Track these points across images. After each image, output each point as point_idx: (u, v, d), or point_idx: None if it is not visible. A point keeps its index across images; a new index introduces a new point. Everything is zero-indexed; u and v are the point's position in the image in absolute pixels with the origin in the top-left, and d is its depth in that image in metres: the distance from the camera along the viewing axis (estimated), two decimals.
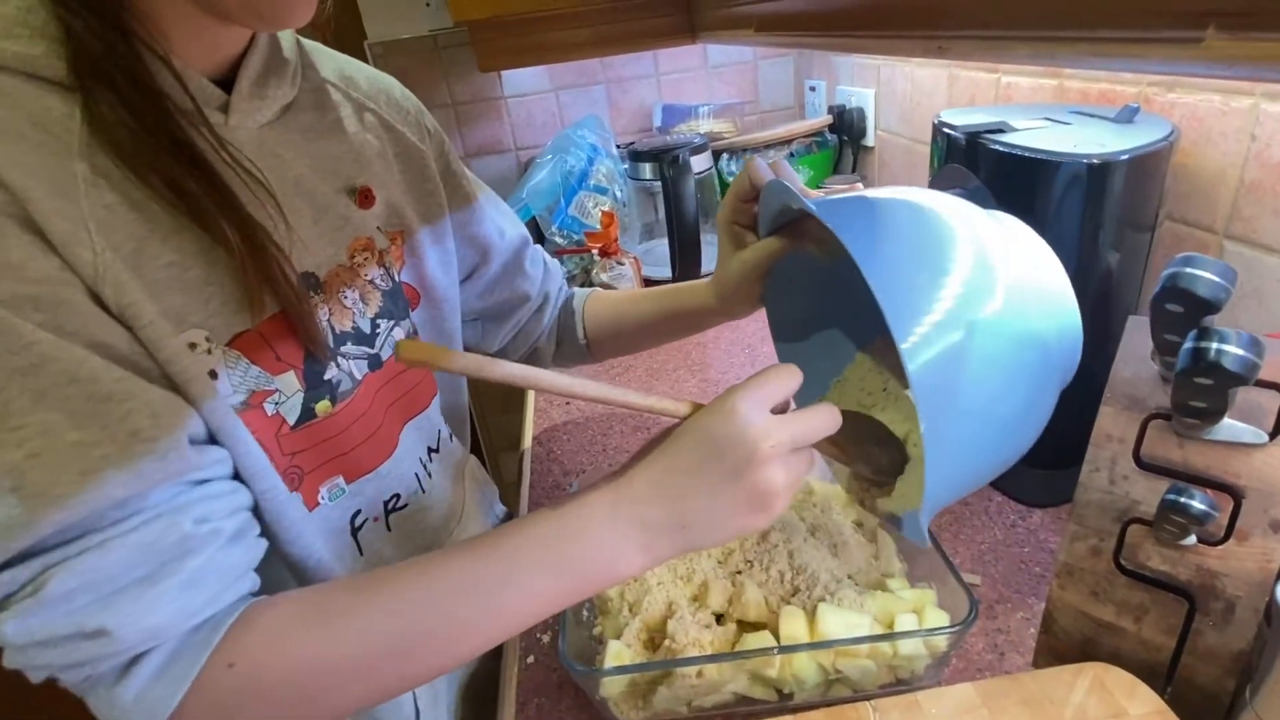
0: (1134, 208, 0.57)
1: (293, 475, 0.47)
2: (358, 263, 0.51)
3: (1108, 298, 0.60)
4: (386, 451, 0.54)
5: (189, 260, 0.40)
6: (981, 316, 0.37)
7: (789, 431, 0.39)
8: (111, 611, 0.34)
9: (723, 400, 0.40)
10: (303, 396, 0.47)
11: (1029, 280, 0.41)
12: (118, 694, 0.35)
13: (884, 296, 0.35)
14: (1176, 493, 0.38)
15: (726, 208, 0.55)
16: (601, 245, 1.10)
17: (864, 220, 0.41)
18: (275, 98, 0.48)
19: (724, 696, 0.50)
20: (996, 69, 0.88)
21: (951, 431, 0.37)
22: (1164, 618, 0.45)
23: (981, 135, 0.62)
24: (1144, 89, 0.67)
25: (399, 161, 0.58)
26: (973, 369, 0.37)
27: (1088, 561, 0.47)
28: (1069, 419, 0.64)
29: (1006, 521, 0.66)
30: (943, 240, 0.40)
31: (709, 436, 0.40)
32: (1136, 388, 0.45)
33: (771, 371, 0.41)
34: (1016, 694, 0.46)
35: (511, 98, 1.54)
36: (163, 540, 0.36)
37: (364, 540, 0.53)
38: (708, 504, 0.39)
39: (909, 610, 0.50)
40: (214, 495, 0.39)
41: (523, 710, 0.54)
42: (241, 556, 0.40)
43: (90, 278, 0.36)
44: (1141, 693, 0.45)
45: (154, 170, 0.39)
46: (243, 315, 0.43)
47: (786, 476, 0.39)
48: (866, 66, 1.23)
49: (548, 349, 0.76)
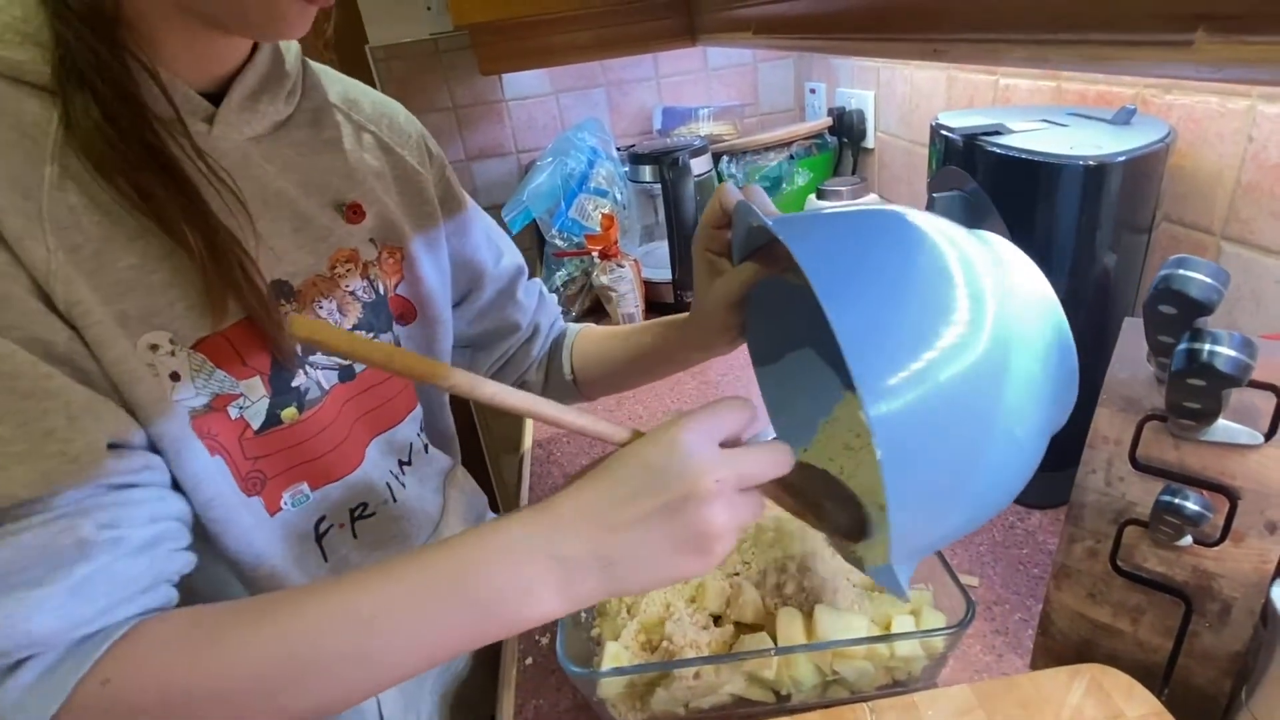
0: (1131, 209, 0.57)
1: (254, 479, 0.47)
2: (339, 274, 0.51)
3: (1105, 299, 0.60)
4: (353, 463, 0.54)
5: (153, 263, 0.41)
6: (961, 360, 0.33)
7: (736, 468, 0.36)
8: None
9: (666, 428, 0.37)
10: (268, 402, 0.47)
11: (1020, 317, 0.36)
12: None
13: (844, 335, 0.31)
14: (1171, 494, 0.39)
15: (699, 236, 0.52)
16: (602, 248, 1.10)
17: (831, 242, 0.37)
18: (268, 113, 0.49)
19: (721, 698, 0.50)
20: (995, 71, 0.88)
21: (921, 487, 0.33)
22: (1161, 619, 0.45)
23: (978, 137, 0.62)
24: (1141, 90, 0.67)
25: (397, 183, 0.58)
26: (948, 418, 0.33)
27: (1085, 563, 0.47)
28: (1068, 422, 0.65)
29: (1005, 523, 0.66)
30: (924, 270, 0.36)
31: (647, 466, 0.36)
32: (1132, 389, 0.45)
33: (723, 403, 0.39)
34: (1013, 696, 0.46)
35: (512, 100, 1.54)
36: (56, 543, 0.35)
37: (328, 546, 0.53)
38: (638, 540, 0.36)
39: (906, 612, 0.50)
40: (132, 502, 0.38)
41: (520, 712, 0.54)
42: (146, 568, 0.38)
43: (41, 274, 0.37)
44: (1139, 694, 0.45)
45: (121, 173, 0.40)
46: (206, 319, 0.43)
47: (730, 518, 0.36)
48: (866, 69, 1.23)
49: (536, 382, 0.74)
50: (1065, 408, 0.39)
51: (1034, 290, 0.38)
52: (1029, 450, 0.37)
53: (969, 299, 0.34)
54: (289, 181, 0.49)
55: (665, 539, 0.36)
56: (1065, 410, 0.39)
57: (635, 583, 0.37)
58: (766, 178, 1.29)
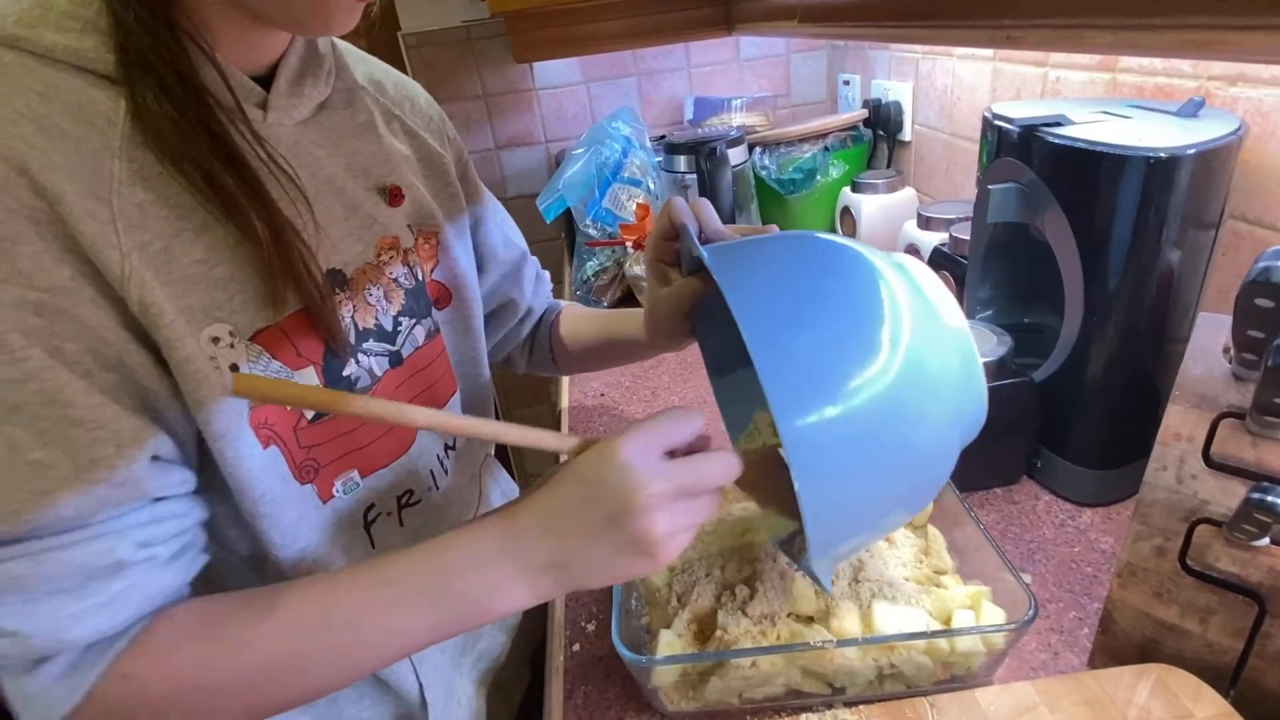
0: (1199, 204, 0.56)
1: (308, 468, 0.48)
2: (384, 260, 0.52)
3: (1167, 297, 0.59)
4: (403, 447, 0.54)
5: (216, 256, 0.41)
6: (875, 388, 0.36)
7: (674, 480, 0.39)
8: (31, 618, 0.36)
9: (607, 444, 0.40)
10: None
11: (934, 347, 0.39)
12: (26, 683, 0.37)
13: (763, 368, 0.35)
14: (1263, 491, 0.38)
15: (650, 246, 0.56)
16: (636, 238, 1.10)
17: (757, 271, 0.41)
18: (311, 96, 0.49)
19: (775, 689, 0.49)
20: (1045, 62, 0.86)
21: (834, 502, 0.37)
22: (1231, 620, 0.44)
23: (1039, 128, 0.61)
24: (1204, 83, 0.66)
25: (423, 166, 0.59)
26: (861, 442, 0.36)
27: (1151, 561, 0.46)
28: (1119, 419, 0.64)
29: (1055, 521, 0.65)
30: (847, 302, 0.39)
31: (588, 480, 0.40)
32: (1208, 386, 0.44)
33: (666, 415, 0.42)
34: (1077, 693, 0.45)
35: (543, 90, 1.54)
36: (98, 561, 0.37)
37: (376, 534, 0.53)
38: (587, 546, 0.40)
39: (965, 607, 0.50)
40: (162, 518, 0.40)
41: (570, 698, 0.54)
42: (173, 578, 0.41)
43: (116, 279, 0.37)
44: (1206, 695, 0.44)
45: (193, 164, 0.39)
46: (266, 311, 0.43)
47: (669, 525, 0.39)
48: (904, 60, 1.22)
49: (521, 359, 0.78)
50: (974, 430, 0.43)
51: (949, 319, 0.42)
52: (936, 464, 0.41)
53: (888, 331, 0.38)
54: (337, 167, 0.49)
55: (610, 545, 0.39)
56: (974, 432, 0.43)
57: (590, 581, 0.41)
58: (800, 169, 1.28)
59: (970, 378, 0.42)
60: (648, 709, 0.52)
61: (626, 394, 0.96)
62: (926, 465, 0.40)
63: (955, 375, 0.40)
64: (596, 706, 0.53)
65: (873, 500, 0.39)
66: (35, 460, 0.35)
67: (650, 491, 0.38)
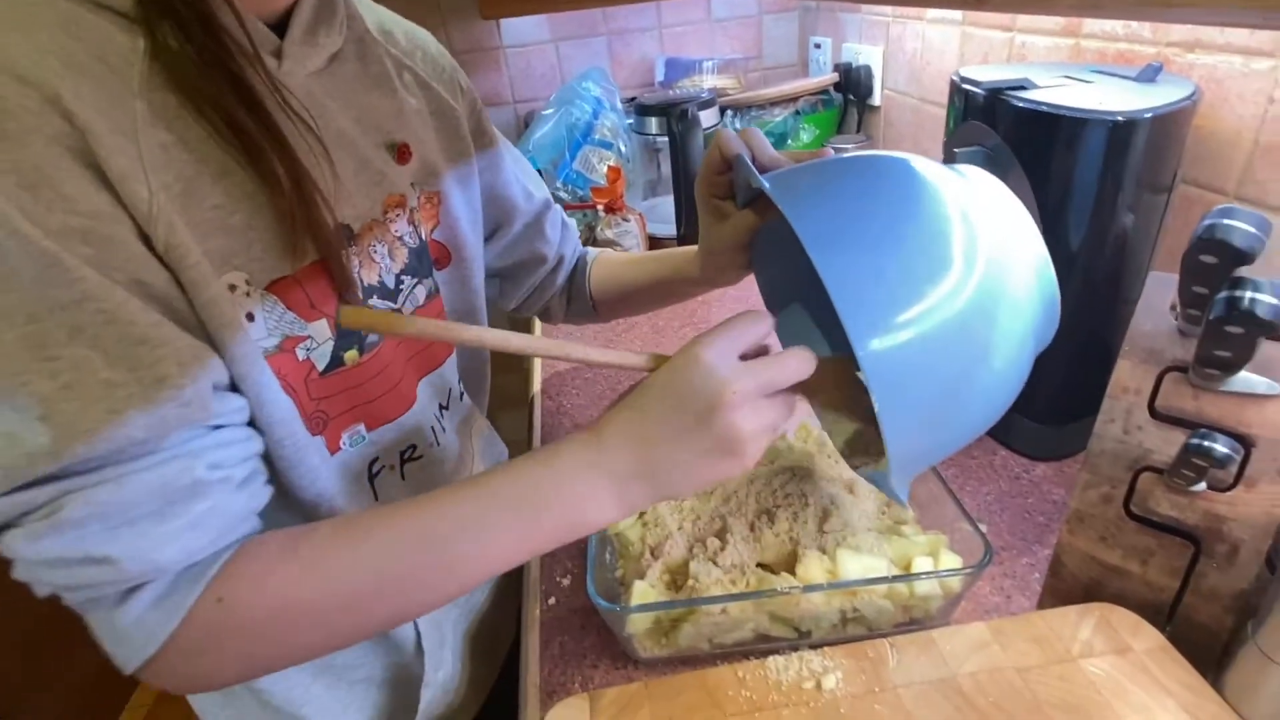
0: (1153, 168, 0.57)
1: (318, 419, 0.48)
2: (390, 218, 0.52)
3: (1121, 256, 0.61)
4: (406, 403, 0.55)
5: (235, 204, 0.41)
6: (949, 307, 0.36)
7: (756, 377, 0.39)
8: (119, 543, 0.36)
9: (687, 349, 0.41)
10: (333, 344, 0.47)
11: (1009, 262, 0.38)
12: (117, 617, 0.37)
13: (835, 289, 0.34)
14: (1200, 437, 0.40)
15: (701, 181, 0.55)
16: (608, 201, 1.09)
17: (822, 196, 0.40)
18: (325, 45, 0.48)
19: (744, 634, 0.51)
20: (1012, 27, 0.87)
21: (912, 416, 0.36)
22: (1169, 561, 0.47)
23: (1004, 92, 0.62)
24: (1163, 50, 0.67)
25: (434, 119, 0.58)
26: (936, 359, 0.36)
27: (1098, 508, 0.49)
28: (1071, 377, 0.66)
29: (1011, 474, 0.68)
30: (917, 219, 0.38)
31: (673, 385, 0.40)
32: (1155, 341, 0.46)
33: (738, 318, 0.42)
34: (1027, 632, 0.48)
35: (510, 48, 1.50)
36: (176, 482, 0.37)
37: (380, 487, 0.54)
38: (674, 452, 0.40)
39: (924, 554, 0.52)
40: (228, 442, 0.40)
41: (546, 648, 0.56)
42: (246, 503, 0.41)
43: (143, 216, 0.37)
44: (1145, 630, 0.47)
45: (214, 106, 0.39)
46: (284, 261, 0.43)
47: (755, 423, 0.39)
48: (875, 24, 1.22)
49: (559, 308, 0.77)
50: (1045, 340, 0.43)
51: (1022, 234, 0.41)
52: (1012, 381, 0.41)
53: (961, 246, 0.37)
54: (348, 120, 0.49)
55: (697, 448, 0.39)
56: (1045, 342, 0.43)
57: (679, 488, 0.41)
58: (771, 133, 1.28)
59: (1044, 286, 0.41)
60: (622, 656, 0.54)
61: None
62: (1002, 379, 0.40)
63: (1029, 287, 0.40)
64: (572, 656, 0.55)
65: (950, 415, 0.39)
66: (104, 380, 0.35)
67: (735, 388, 0.38)
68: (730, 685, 0.47)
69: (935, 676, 0.46)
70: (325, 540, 0.41)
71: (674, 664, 0.53)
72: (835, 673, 0.46)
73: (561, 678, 0.53)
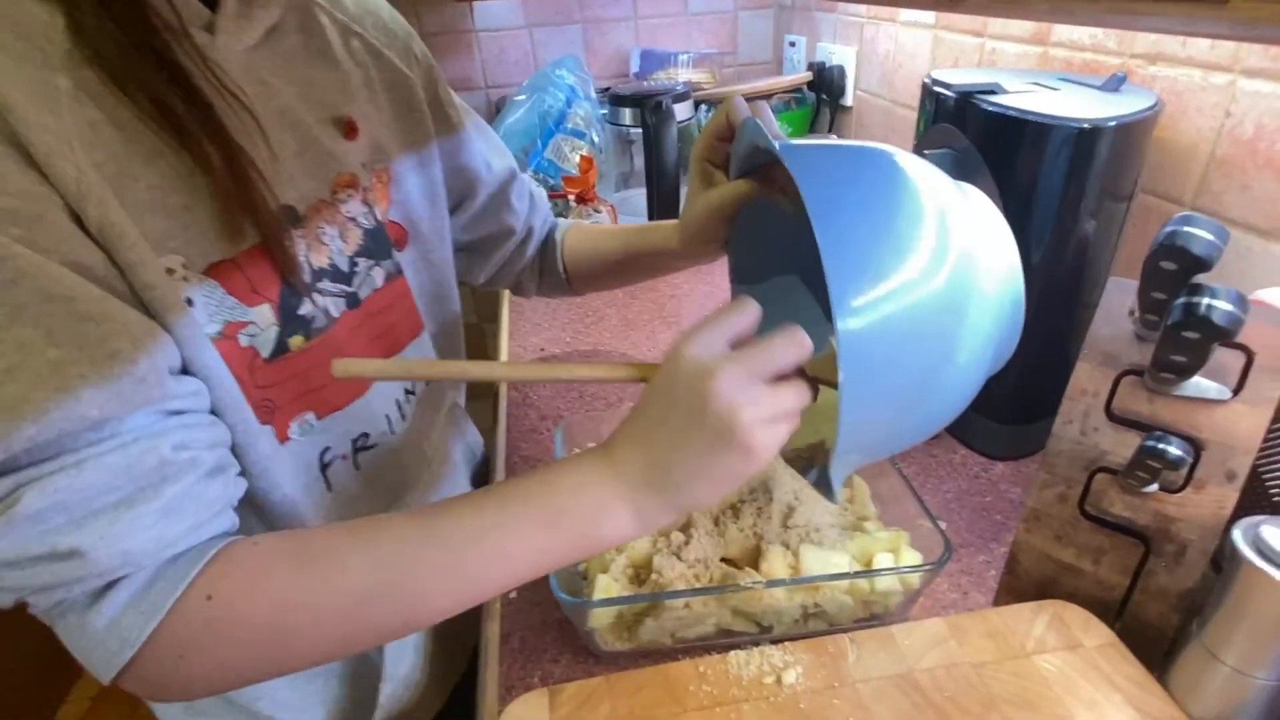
0: (1115, 176, 0.59)
1: (265, 408, 0.47)
2: (340, 199, 0.50)
3: (1083, 263, 0.62)
4: (359, 390, 0.53)
5: (171, 184, 0.39)
6: (924, 292, 0.37)
7: (743, 362, 0.37)
8: (85, 532, 0.34)
9: (672, 347, 0.40)
10: (277, 330, 0.46)
11: (983, 259, 0.40)
12: (89, 621, 0.35)
13: (827, 251, 0.34)
14: (1155, 440, 0.41)
15: (701, 144, 0.53)
16: (579, 191, 1.08)
17: (831, 172, 0.40)
18: (261, 18, 0.46)
19: (706, 628, 0.51)
20: (983, 32, 0.88)
21: (873, 401, 0.36)
22: (1121, 559, 0.48)
23: (973, 96, 0.62)
24: (1127, 60, 0.69)
25: (385, 89, 0.56)
26: (906, 341, 0.36)
27: (1054, 507, 0.50)
28: (1031, 379, 0.68)
29: (970, 473, 0.69)
30: (907, 208, 0.39)
31: (664, 385, 0.39)
32: (1113, 345, 0.47)
33: (723, 309, 0.40)
34: (982, 627, 0.49)
35: (483, 32, 1.48)
36: (140, 464, 0.35)
37: (332, 477, 0.52)
38: (678, 454, 0.38)
39: (885, 550, 0.53)
40: (192, 425, 0.39)
41: (506, 642, 0.55)
42: (220, 491, 0.39)
43: (72, 194, 0.35)
44: (1095, 626, 0.48)
45: (139, 86, 0.37)
46: (221, 244, 0.42)
47: (755, 411, 0.36)
48: (849, 24, 1.23)
49: (531, 282, 0.76)
50: (1004, 356, 0.43)
51: (1000, 249, 0.42)
52: (970, 382, 0.41)
53: (939, 241, 0.38)
54: (290, 96, 0.47)
55: (701, 445, 0.37)
56: (1003, 359, 0.44)
57: (694, 494, 0.39)
58: None
59: (1015, 306, 0.42)
60: (584, 651, 0.54)
61: (566, 349, 0.96)
62: (958, 383, 0.40)
63: (1001, 300, 0.40)
64: (533, 650, 0.54)
65: (905, 407, 0.39)
66: (51, 359, 0.33)
67: (720, 376, 0.36)
68: (691, 680, 0.46)
69: (893, 671, 0.46)
70: (328, 542, 0.39)
71: (636, 659, 0.52)
72: (796, 668, 0.47)
73: (522, 672, 0.52)
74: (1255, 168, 0.58)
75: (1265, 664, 0.40)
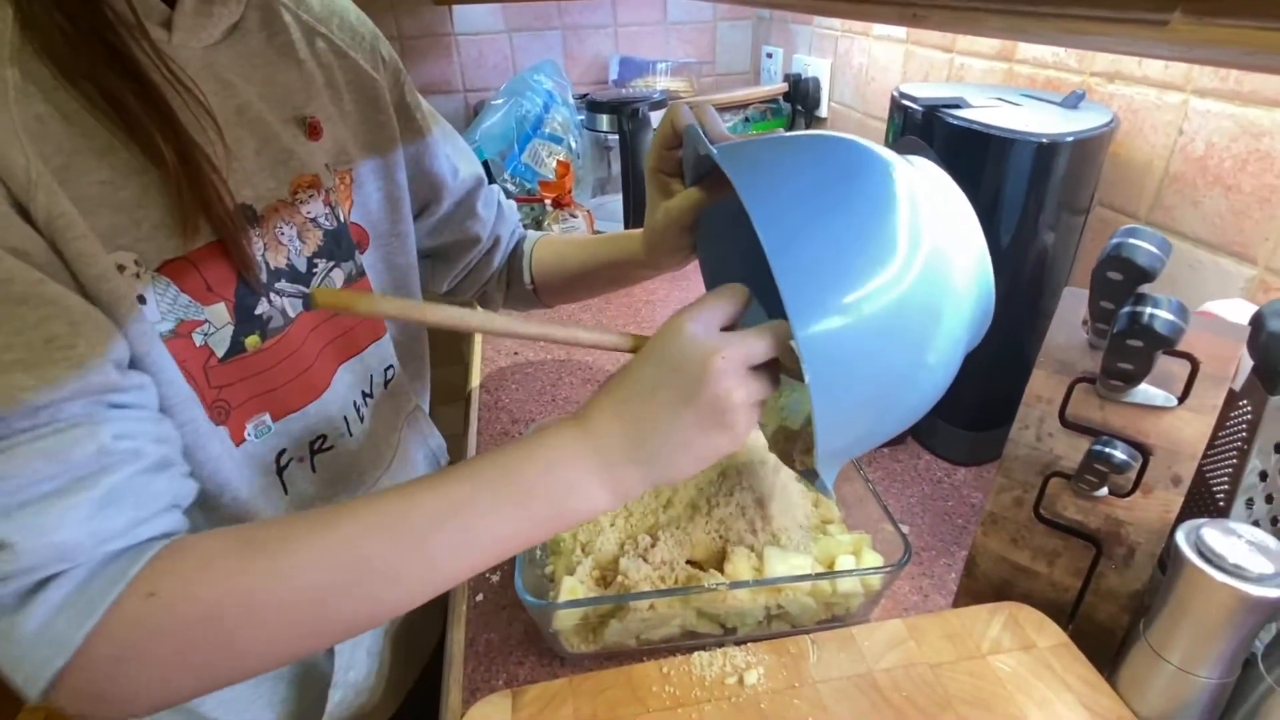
0: (1073, 189, 0.60)
1: (219, 409, 0.46)
2: (300, 199, 0.50)
3: (1041, 273, 0.64)
4: (316, 392, 0.53)
5: (122, 180, 0.39)
6: (889, 295, 0.35)
7: (741, 346, 0.37)
8: (14, 523, 0.32)
9: (671, 321, 0.39)
10: (233, 329, 0.46)
11: (948, 244, 0.38)
12: (18, 624, 0.32)
13: (777, 260, 0.33)
14: (1103, 444, 0.42)
15: (652, 156, 0.52)
16: (555, 196, 1.09)
17: (772, 167, 0.38)
18: (221, 16, 0.46)
19: (671, 630, 0.52)
20: (951, 49, 0.91)
21: (844, 398, 0.36)
22: (1073, 562, 0.49)
23: (940, 109, 0.64)
24: (1087, 79, 0.71)
25: (350, 91, 0.56)
26: (872, 346, 0.35)
27: (1011, 511, 0.51)
28: (993, 385, 0.69)
29: (933, 478, 0.70)
30: (867, 203, 0.37)
31: (660, 358, 0.38)
32: (1067, 354, 0.48)
33: (717, 292, 0.40)
34: (941, 629, 0.50)
35: (462, 35, 1.47)
36: (77, 451, 0.33)
37: (289, 480, 0.52)
38: (665, 427, 0.38)
39: (848, 552, 0.53)
40: (137, 418, 0.37)
41: (472, 645, 0.55)
42: (165, 486, 0.37)
43: (20, 184, 0.35)
44: (1048, 628, 0.49)
45: (89, 79, 0.37)
46: (175, 241, 0.41)
47: (743, 394, 0.37)
48: (825, 37, 1.25)
49: (498, 293, 0.76)
50: (980, 333, 0.43)
51: (964, 221, 0.41)
52: (940, 376, 0.40)
53: (906, 233, 0.36)
54: (250, 95, 0.47)
55: (691, 421, 0.37)
56: (980, 336, 0.43)
57: (672, 469, 0.39)
58: None
59: (983, 277, 0.40)
60: (548, 653, 0.54)
61: (540, 350, 0.96)
62: (935, 369, 0.39)
63: (969, 276, 0.39)
64: (498, 653, 0.54)
65: (881, 405, 0.38)
66: None
67: (723, 355, 0.36)
68: (654, 681, 0.47)
69: (853, 672, 0.47)
70: (283, 531, 0.37)
71: (600, 660, 0.53)
72: (758, 668, 0.47)
73: (485, 675, 0.52)
74: (1205, 184, 0.60)
75: (1207, 662, 0.41)
